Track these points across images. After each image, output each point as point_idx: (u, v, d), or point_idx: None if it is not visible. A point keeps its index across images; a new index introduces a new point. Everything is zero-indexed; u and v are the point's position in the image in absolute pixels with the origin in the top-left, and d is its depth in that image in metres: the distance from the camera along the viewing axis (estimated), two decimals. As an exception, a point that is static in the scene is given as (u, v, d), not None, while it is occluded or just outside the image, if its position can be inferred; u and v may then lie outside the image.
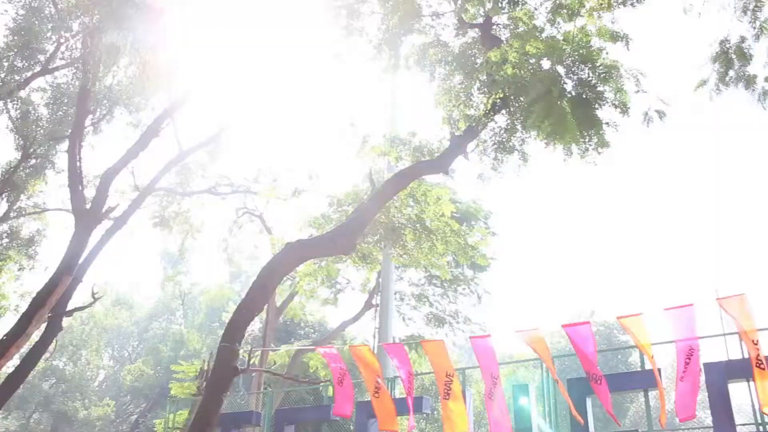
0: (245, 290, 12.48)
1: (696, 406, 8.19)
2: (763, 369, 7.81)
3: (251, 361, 12.38)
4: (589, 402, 9.95)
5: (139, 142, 17.25)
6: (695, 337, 8.32)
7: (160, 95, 18.32)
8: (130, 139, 18.22)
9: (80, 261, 15.87)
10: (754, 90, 9.43)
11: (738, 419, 9.14)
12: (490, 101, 10.98)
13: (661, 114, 9.98)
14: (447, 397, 9.44)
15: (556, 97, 9.01)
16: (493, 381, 9.14)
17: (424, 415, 19.11)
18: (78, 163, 16.57)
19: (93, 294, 16.82)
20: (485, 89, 11.09)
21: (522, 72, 9.95)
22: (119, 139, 19.50)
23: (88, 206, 16.46)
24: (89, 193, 17.24)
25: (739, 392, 9.35)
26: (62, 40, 17.25)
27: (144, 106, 19.26)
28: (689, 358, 8.18)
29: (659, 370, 9.79)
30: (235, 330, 11.03)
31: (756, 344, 8.02)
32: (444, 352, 9.81)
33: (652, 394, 10.63)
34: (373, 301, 20.62)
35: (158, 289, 44.55)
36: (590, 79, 9.75)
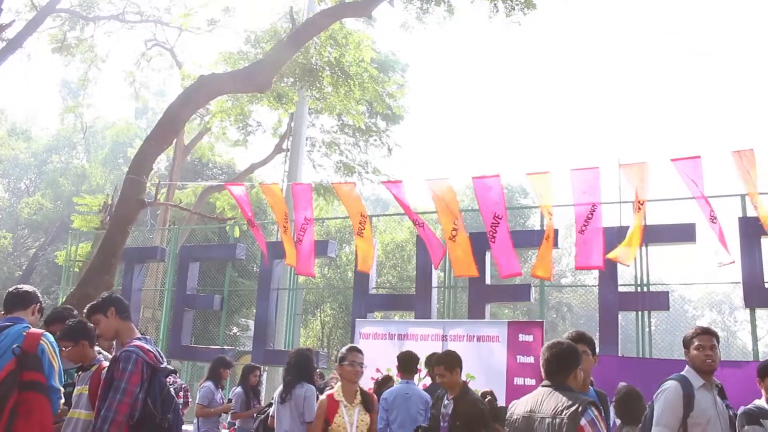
0: (152, 127, 12.08)
1: (600, 258, 8.57)
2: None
3: (158, 198, 12.22)
4: (488, 255, 10.41)
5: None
6: (596, 201, 8.64)
7: None
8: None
9: (-29, 81, 14.77)
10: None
11: (619, 281, 9.85)
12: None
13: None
14: (360, 234, 9.61)
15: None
16: (420, 224, 9.35)
17: (328, 259, 19.73)
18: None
19: (-13, 117, 15.85)
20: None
21: None
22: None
23: (-23, 22, 15.08)
24: (-22, 8, 15.69)
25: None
26: None
27: None
28: (591, 214, 8.52)
29: (556, 230, 10.28)
30: (142, 162, 10.77)
31: (641, 205, 8.40)
32: (357, 195, 9.90)
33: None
34: (284, 146, 20.41)
35: (57, 120, 42.49)
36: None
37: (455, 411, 5.28)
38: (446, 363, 5.57)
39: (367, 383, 7.51)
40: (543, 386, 3.63)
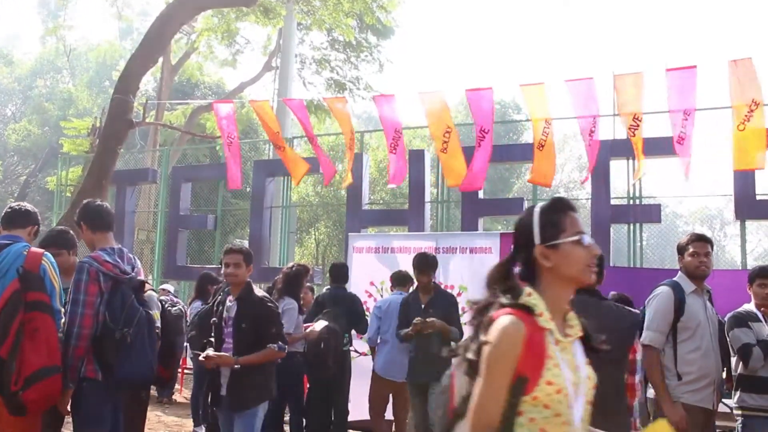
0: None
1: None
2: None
3: (146, 119, 12.04)
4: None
5: None
6: (596, 113, 8.52)
7: None
8: None
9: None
10: None
11: (612, 194, 9.87)
12: None
13: None
14: (352, 149, 9.55)
15: None
16: (396, 135, 9.23)
17: (320, 175, 19.64)
18: None
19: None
20: None
21: None
22: None
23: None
24: None
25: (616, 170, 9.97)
26: None
27: None
28: (594, 127, 8.42)
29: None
30: (128, 81, 10.56)
31: (638, 121, 8.28)
32: (347, 112, 9.75)
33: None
34: (273, 63, 20.05)
35: (39, 44, 41.53)
36: None
37: (239, 312, 4.67)
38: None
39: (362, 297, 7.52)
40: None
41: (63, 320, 4.00)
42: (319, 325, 6.35)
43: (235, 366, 4.51)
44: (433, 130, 9.23)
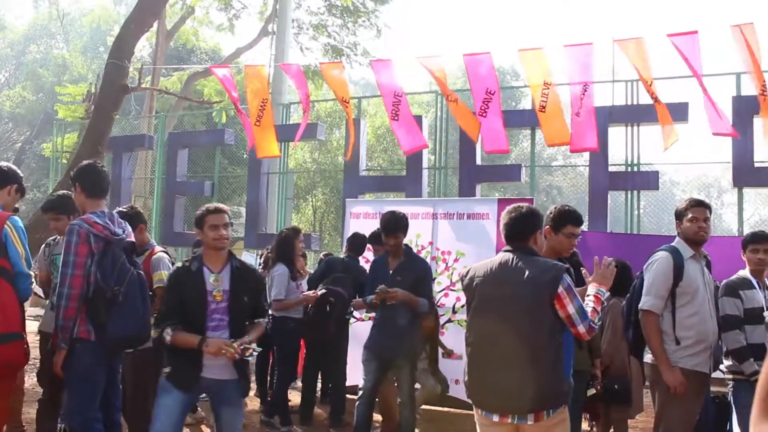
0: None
1: (594, 140, 8.43)
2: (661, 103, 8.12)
3: (142, 85, 11.91)
4: (480, 135, 10.31)
5: None
6: (590, 80, 8.43)
7: None
8: None
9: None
10: None
11: (610, 161, 9.85)
12: None
13: None
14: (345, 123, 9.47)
15: None
16: (397, 99, 9.09)
17: (317, 142, 19.60)
18: None
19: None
20: None
21: None
22: None
23: None
24: None
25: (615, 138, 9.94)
26: None
27: None
28: (583, 94, 8.33)
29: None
30: (123, 46, 10.44)
31: (651, 85, 8.18)
32: (342, 77, 9.61)
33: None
34: (270, 28, 19.86)
35: (31, 8, 40.95)
36: None
37: (238, 284, 3.87)
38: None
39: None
40: (505, 251, 3.56)
41: (33, 283, 4.02)
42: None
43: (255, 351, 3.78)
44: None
